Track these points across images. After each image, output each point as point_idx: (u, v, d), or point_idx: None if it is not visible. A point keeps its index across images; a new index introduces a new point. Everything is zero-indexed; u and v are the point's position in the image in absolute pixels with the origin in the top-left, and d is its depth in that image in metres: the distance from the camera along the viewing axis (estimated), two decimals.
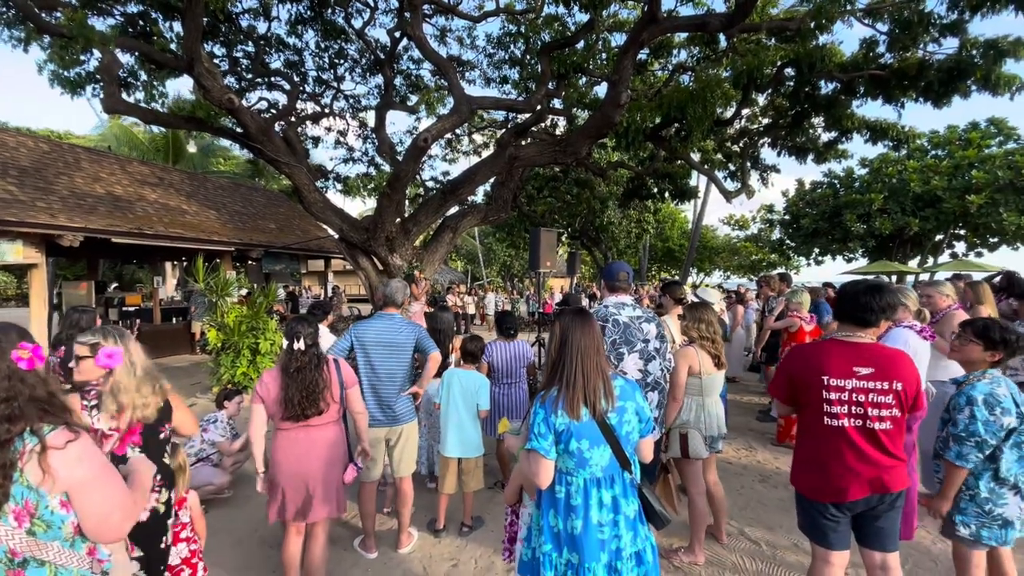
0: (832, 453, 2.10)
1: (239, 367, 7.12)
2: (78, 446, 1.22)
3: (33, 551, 1.18)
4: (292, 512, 2.52)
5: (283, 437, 2.55)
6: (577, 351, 1.80)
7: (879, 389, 2.02)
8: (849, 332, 2.14)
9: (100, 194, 9.27)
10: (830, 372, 2.07)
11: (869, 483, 2.06)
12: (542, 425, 1.75)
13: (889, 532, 2.15)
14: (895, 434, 2.06)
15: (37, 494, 1.17)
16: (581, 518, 1.76)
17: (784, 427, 5.18)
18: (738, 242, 28.86)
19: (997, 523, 2.24)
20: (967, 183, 15.70)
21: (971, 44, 6.95)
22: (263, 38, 10.23)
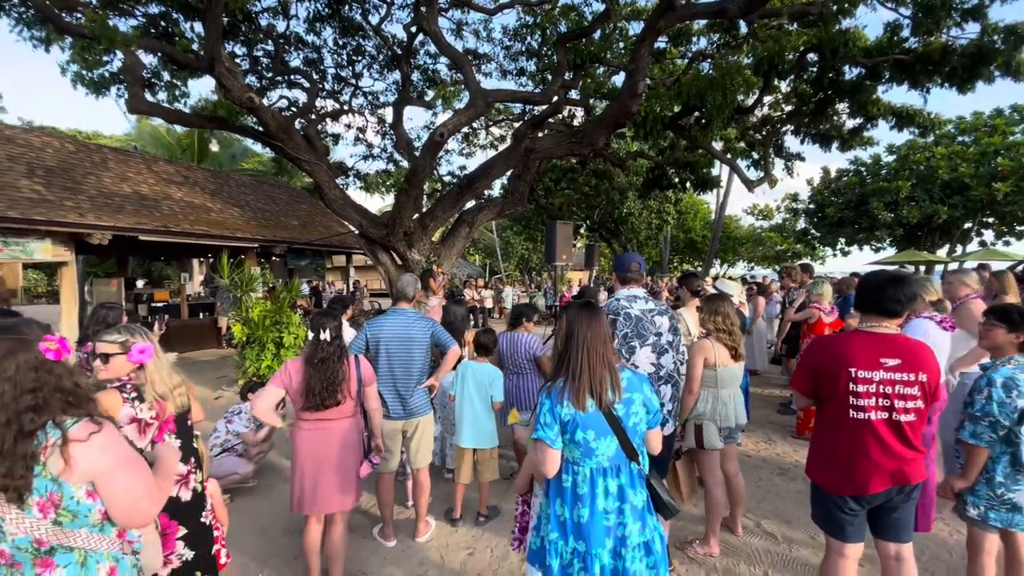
0: (857, 446, 2.06)
1: (264, 360, 7.31)
2: (101, 437, 1.25)
3: (60, 539, 1.22)
4: (310, 503, 2.60)
5: (303, 429, 2.63)
6: (583, 343, 1.82)
7: (906, 381, 2.00)
8: (874, 323, 2.11)
9: (127, 193, 9.56)
10: (857, 364, 2.03)
11: (890, 475, 2.04)
12: (548, 415, 1.79)
13: (904, 523, 2.14)
14: (918, 426, 2.05)
15: (60, 486, 1.21)
16: (587, 506, 1.79)
17: (803, 419, 5.12)
18: (762, 232, 28.29)
19: (1006, 507, 2.27)
20: (994, 170, 15.14)
21: (992, 29, 6.72)
22: (282, 36, 10.38)
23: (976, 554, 2.34)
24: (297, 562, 3.06)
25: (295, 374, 2.61)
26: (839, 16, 7.01)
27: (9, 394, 1.19)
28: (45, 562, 1.22)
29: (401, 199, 8.82)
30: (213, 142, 15.37)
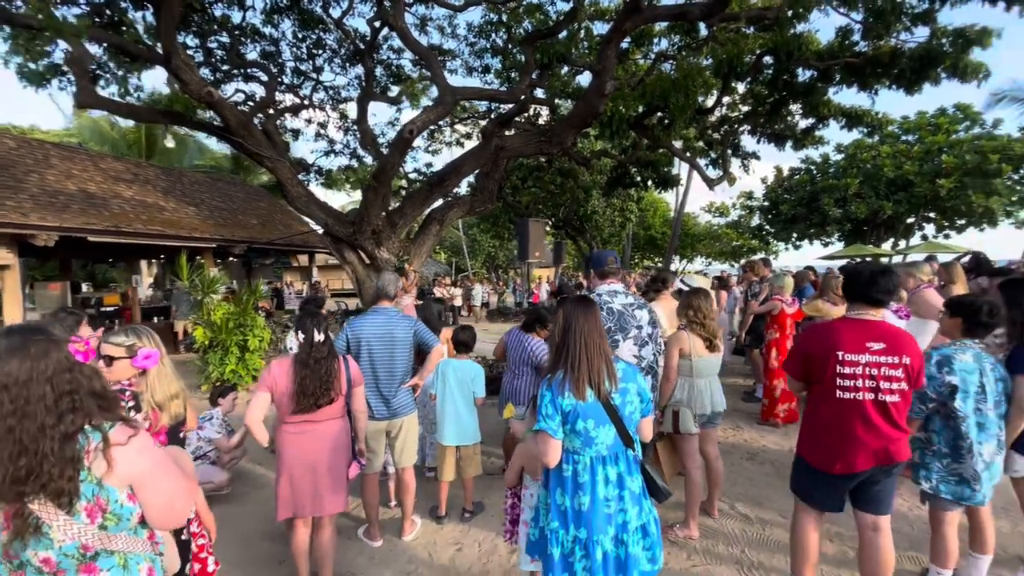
0: (845, 425, 2.22)
1: (228, 364, 7.07)
2: (138, 440, 1.25)
3: (104, 544, 1.21)
4: (301, 507, 2.55)
5: (290, 432, 2.57)
6: (581, 335, 1.87)
7: (890, 363, 2.16)
8: (861, 312, 2.28)
9: (73, 191, 9.02)
10: (844, 348, 2.20)
11: (875, 454, 2.20)
12: (550, 407, 1.83)
13: (884, 497, 2.31)
14: (902, 407, 2.21)
15: (105, 490, 1.19)
16: (588, 494, 1.84)
17: (768, 406, 5.37)
18: (719, 229, 29.31)
19: (954, 479, 2.45)
20: (937, 167, 16.20)
21: (941, 33, 7.16)
22: (238, 28, 9.98)
23: (938, 525, 2.52)
24: (283, 567, 3.00)
25: (281, 377, 2.54)
26: (794, 21, 7.34)
27: (50, 396, 1.16)
28: (89, 568, 1.20)
29: (369, 196, 8.66)
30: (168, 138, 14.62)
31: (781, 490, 3.87)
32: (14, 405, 1.13)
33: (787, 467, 4.27)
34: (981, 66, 7.16)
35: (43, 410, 1.14)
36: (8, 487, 1.11)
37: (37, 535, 1.13)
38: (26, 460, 1.11)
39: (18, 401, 1.13)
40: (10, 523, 1.13)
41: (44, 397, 1.15)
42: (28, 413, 1.13)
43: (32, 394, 1.14)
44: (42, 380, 1.15)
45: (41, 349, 1.18)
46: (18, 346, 1.16)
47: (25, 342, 1.17)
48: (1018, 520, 3.30)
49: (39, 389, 1.15)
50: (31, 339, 1.18)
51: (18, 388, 1.13)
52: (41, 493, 1.12)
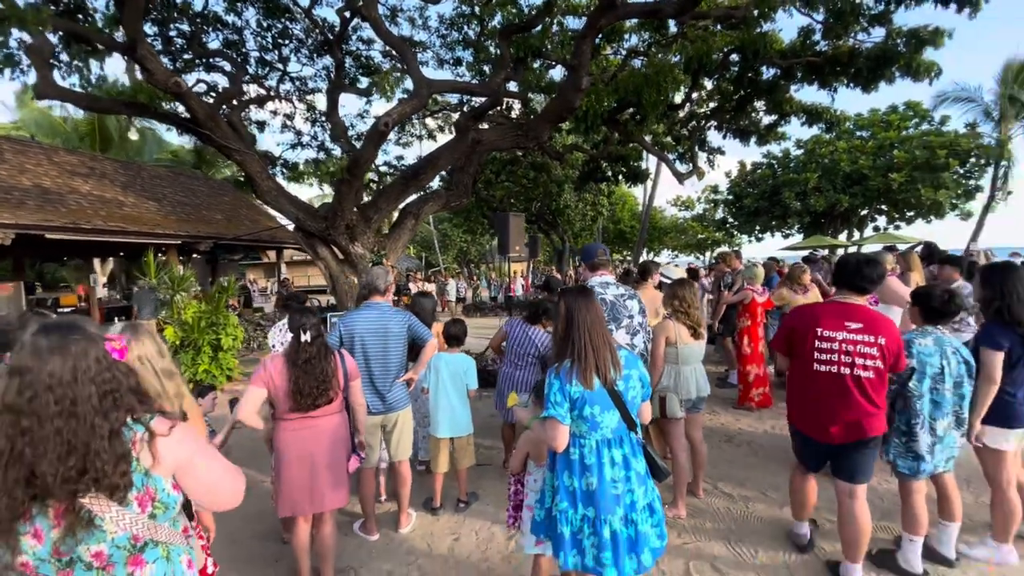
0: (820, 395, 2.48)
1: (201, 364, 6.88)
2: (179, 430, 1.26)
3: (152, 534, 1.22)
4: (302, 504, 2.54)
5: (288, 429, 2.56)
6: (584, 326, 1.94)
7: (866, 342, 2.38)
8: (845, 296, 2.51)
9: (27, 187, 8.54)
10: (823, 325, 2.46)
11: (849, 425, 2.40)
12: (558, 394, 1.90)
13: (860, 467, 2.50)
14: (877, 384, 2.40)
15: (153, 479, 1.20)
16: (596, 475, 1.92)
17: (743, 391, 5.62)
18: (684, 222, 30.05)
19: (911, 455, 2.66)
20: (889, 162, 17.04)
21: (896, 33, 7.55)
22: (199, 16, 9.61)
23: (906, 495, 2.72)
24: (279, 565, 2.99)
25: (277, 375, 2.52)
26: (760, 20, 7.59)
27: (96, 396, 1.15)
28: (136, 560, 1.21)
29: (343, 190, 8.52)
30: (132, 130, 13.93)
31: (759, 469, 4.08)
32: (60, 406, 1.12)
33: (763, 447, 4.52)
34: (933, 65, 7.58)
35: (91, 410, 1.14)
36: (60, 487, 1.10)
37: (90, 528, 1.13)
38: (76, 460, 1.11)
39: (64, 402, 1.12)
40: (61, 519, 1.12)
41: (91, 397, 1.15)
42: (76, 413, 1.13)
43: (79, 394, 1.14)
44: (86, 380, 1.15)
45: (81, 348, 1.17)
46: (58, 345, 1.15)
47: (65, 341, 1.16)
48: (980, 491, 3.58)
49: (85, 389, 1.14)
50: (70, 338, 1.17)
51: (63, 388, 1.12)
52: (94, 488, 1.12)
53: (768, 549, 2.98)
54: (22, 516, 1.12)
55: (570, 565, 1.94)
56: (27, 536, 1.13)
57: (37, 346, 1.15)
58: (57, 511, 1.13)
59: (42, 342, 1.15)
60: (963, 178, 17.03)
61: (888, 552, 2.79)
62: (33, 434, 1.10)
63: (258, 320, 10.82)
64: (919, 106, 18.30)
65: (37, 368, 1.13)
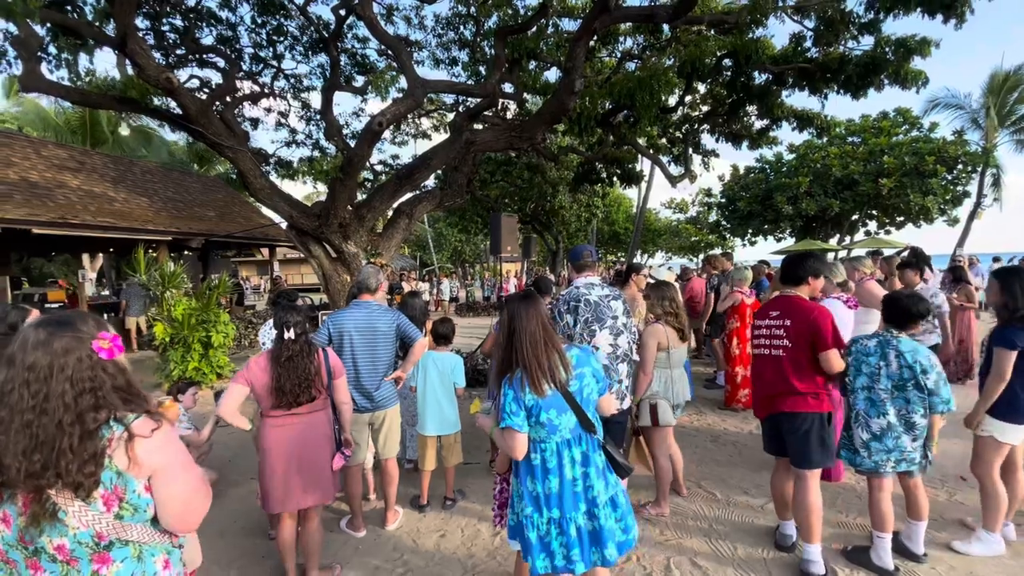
0: (754, 374, 2.99)
1: (190, 362, 6.85)
2: (161, 434, 1.24)
3: (119, 533, 1.20)
4: (287, 500, 2.56)
5: (273, 426, 2.57)
6: (526, 335, 1.93)
7: (776, 325, 2.79)
8: (786, 290, 2.89)
9: (14, 180, 8.47)
10: (757, 316, 2.99)
11: (765, 399, 2.85)
12: (513, 404, 1.90)
13: (798, 451, 2.74)
14: (786, 360, 2.72)
15: (124, 479, 1.19)
16: (557, 476, 1.94)
17: (730, 393, 5.67)
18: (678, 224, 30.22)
19: (849, 448, 2.85)
20: (879, 168, 17.23)
21: (885, 42, 7.66)
22: (193, 11, 9.57)
23: (871, 492, 2.80)
24: (265, 560, 3.00)
25: (261, 372, 2.53)
26: (752, 26, 7.68)
27: (70, 394, 1.16)
28: (102, 557, 1.20)
29: (336, 188, 8.51)
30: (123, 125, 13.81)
31: (742, 468, 4.14)
32: (34, 400, 1.13)
33: (748, 448, 4.58)
34: (921, 74, 7.70)
35: (61, 407, 1.14)
36: (24, 480, 1.11)
37: (53, 521, 1.14)
38: (41, 456, 1.12)
39: (38, 397, 1.13)
40: (28, 508, 1.14)
41: (63, 394, 1.15)
42: (46, 409, 1.13)
43: (51, 391, 1.14)
44: (62, 377, 1.15)
45: (64, 345, 1.18)
46: (43, 341, 1.16)
47: (50, 337, 1.17)
48: (954, 490, 3.67)
49: (59, 386, 1.15)
50: (56, 334, 1.18)
51: (38, 384, 1.14)
52: (59, 483, 1.13)
53: (748, 546, 3.03)
54: None
55: (540, 570, 1.95)
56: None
57: (25, 339, 1.17)
58: (25, 499, 1.14)
59: (30, 336, 1.17)
60: (951, 184, 17.26)
61: (862, 548, 2.85)
62: (6, 424, 1.12)
63: (249, 318, 10.79)
64: (909, 113, 18.53)
65: (20, 360, 1.15)
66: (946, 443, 4.46)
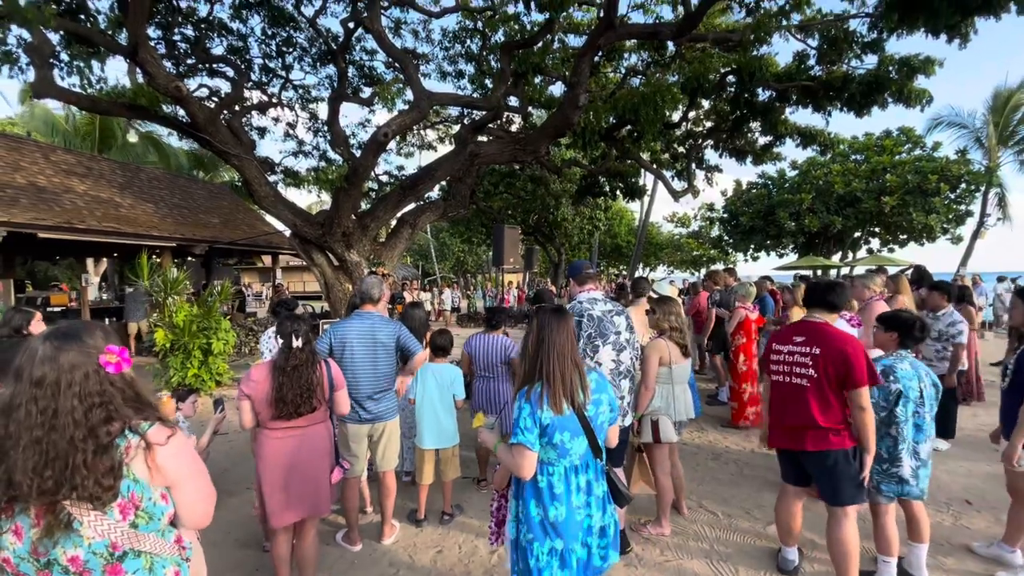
0: (773, 400, 2.74)
1: (190, 368, 6.83)
2: (176, 440, 1.26)
3: (133, 543, 1.20)
4: (284, 513, 2.52)
5: (271, 438, 2.54)
6: (555, 349, 1.88)
7: (802, 352, 2.57)
8: (813, 314, 2.68)
9: (21, 184, 8.53)
10: (777, 340, 2.75)
11: (786, 433, 2.64)
12: (528, 420, 1.83)
13: (832, 488, 2.54)
14: (811, 391, 2.50)
15: (141, 487, 1.20)
16: (564, 504, 1.87)
17: (737, 410, 5.60)
18: (681, 238, 30.25)
19: (894, 480, 2.70)
20: (882, 186, 17.28)
21: (888, 61, 7.72)
22: (204, 21, 9.71)
23: (876, 518, 2.75)
24: (261, 573, 2.96)
25: (261, 382, 2.51)
26: (756, 44, 7.75)
27: (80, 409, 1.15)
28: (115, 569, 1.19)
29: (340, 198, 8.57)
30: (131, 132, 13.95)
31: (746, 488, 4.08)
32: (43, 417, 1.12)
33: (750, 466, 4.53)
34: (925, 92, 7.75)
35: (72, 423, 1.14)
36: (36, 496, 1.10)
37: (68, 532, 1.13)
38: (53, 472, 1.11)
39: (47, 413, 1.13)
40: (41, 520, 1.13)
41: (73, 410, 1.14)
42: (56, 426, 1.13)
43: (60, 407, 1.14)
44: (70, 394, 1.15)
45: (71, 361, 1.17)
46: (49, 356, 1.16)
47: (57, 352, 1.17)
48: (959, 514, 3.60)
49: (67, 402, 1.14)
50: (64, 348, 1.17)
51: (47, 400, 1.13)
52: (74, 496, 1.12)
53: (750, 568, 2.98)
54: (3, 512, 1.13)
55: None
56: (8, 533, 1.13)
57: (33, 352, 1.17)
58: (38, 511, 1.13)
59: (38, 350, 1.17)
60: (954, 203, 17.27)
61: (867, 573, 2.79)
62: (15, 440, 1.12)
63: (250, 325, 10.78)
64: (912, 132, 18.63)
65: (27, 375, 1.15)
66: (952, 464, 4.41)
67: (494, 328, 4.09)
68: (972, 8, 5.09)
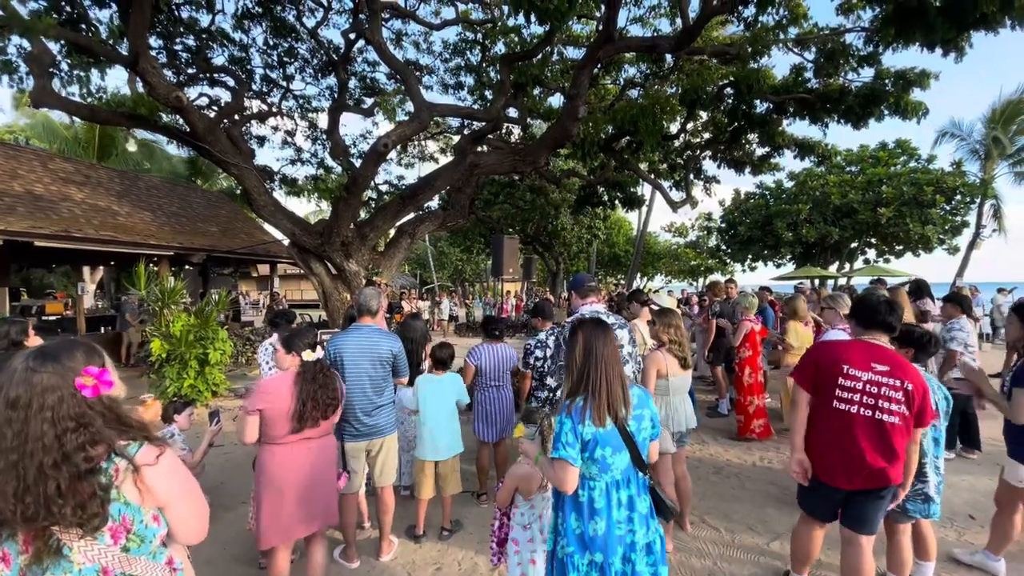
0: (843, 439, 2.32)
1: (186, 379, 6.77)
2: (166, 458, 1.23)
3: (124, 567, 1.18)
4: (293, 529, 2.49)
5: (283, 452, 2.48)
6: (602, 361, 1.87)
7: (892, 385, 2.26)
8: (872, 336, 2.41)
9: (18, 192, 8.50)
10: (850, 362, 2.33)
11: (865, 471, 2.29)
12: (570, 435, 1.81)
13: (868, 517, 2.38)
14: (901, 430, 2.27)
15: (132, 510, 1.18)
16: (604, 519, 1.85)
17: (743, 423, 5.55)
18: (678, 248, 30.32)
19: (920, 498, 2.63)
20: (878, 197, 17.39)
21: (884, 74, 7.79)
22: (205, 32, 9.76)
23: (893, 536, 2.71)
24: None
25: (281, 396, 2.45)
26: (754, 56, 7.82)
27: (50, 435, 1.10)
28: None
29: (340, 208, 8.57)
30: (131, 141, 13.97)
31: (747, 503, 4.04)
32: (16, 440, 1.09)
33: (751, 480, 4.48)
34: (921, 104, 7.81)
35: (40, 449, 1.09)
36: (22, 523, 1.07)
37: (57, 558, 1.10)
38: (32, 498, 1.08)
39: (20, 436, 1.09)
40: (30, 546, 1.10)
41: (43, 435, 1.10)
42: (27, 452, 1.09)
43: (31, 432, 1.10)
44: (40, 418, 1.11)
45: (44, 383, 1.13)
46: (24, 377, 1.12)
47: (31, 373, 1.13)
48: (964, 530, 3.57)
49: (37, 427, 1.10)
50: (38, 371, 1.14)
51: (19, 424, 1.10)
52: (60, 525, 1.09)
53: None
54: None
55: None
56: None
57: (12, 371, 1.13)
58: (26, 537, 1.10)
59: (17, 368, 1.13)
60: (949, 214, 17.38)
61: None
62: None
63: (247, 335, 10.70)
64: (907, 144, 18.79)
65: (4, 395, 1.11)
66: (954, 478, 4.38)
67: (497, 338, 4.07)
68: (967, 23, 5.14)
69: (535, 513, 2.40)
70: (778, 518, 3.73)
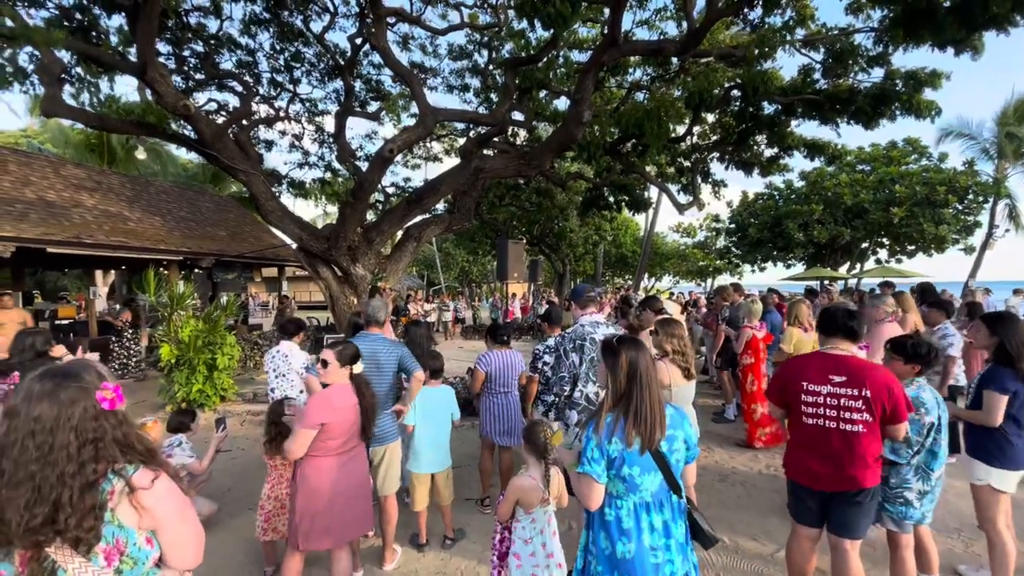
0: (809, 446, 2.46)
1: (194, 384, 6.84)
2: (162, 482, 1.26)
3: None
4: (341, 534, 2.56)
5: (338, 463, 2.52)
6: (646, 383, 1.85)
7: (849, 395, 2.33)
8: (833, 346, 2.47)
9: (31, 199, 8.64)
10: (808, 379, 2.44)
11: (835, 478, 2.38)
12: (595, 451, 1.80)
13: (852, 521, 2.43)
14: (868, 437, 2.32)
15: (126, 532, 1.20)
16: (634, 541, 1.81)
17: (750, 430, 5.48)
18: (686, 249, 30.15)
19: (900, 501, 2.65)
20: (890, 196, 17.18)
21: (895, 74, 7.70)
22: (213, 37, 9.85)
23: (896, 548, 2.69)
24: None
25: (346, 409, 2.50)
26: (760, 58, 7.75)
27: (74, 444, 1.16)
28: None
29: (346, 212, 8.62)
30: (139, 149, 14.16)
31: (753, 512, 4.01)
32: (39, 452, 1.13)
33: (757, 488, 4.45)
34: (933, 104, 7.71)
35: (64, 458, 1.15)
36: (23, 535, 1.10)
37: None
38: (42, 509, 1.11)
39: (43, 448, 1.14)
40: (25, 567, 1.12)
41: (68, 445, 1.16)
42: (50, 461, 1.14)
43: (57, 442, 1.15)
44: (67, 428, 1.16)
45: (70, 396, 1.19)
46: (49, 392, 1.18)
47: (56, 388, 1.18)
48: (971, 541, 3.51)
49: (63, 437, 1.16)
50: (63, 385, 1.19)
51: (44, 435, 1.14)
52: (59, 539, 1.12)
53: None
54: None
55: None
56: None
57: (30, 391, 1.18)
58: (23, 558, 1.13)
59: (36, 387, 1.18)
60: (962, 214, 17.13)
61: None
62: (8, 477, 1.11)
63: (255, 339, 10.80)
64: (918, 142, 18.55)
65: (25, 412, 1.16)
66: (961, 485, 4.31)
67: (505, 343, 4.05)
68: (977, 24, 5.06)
69: (536, 527, 2.39)
70: (783, 528, 3.69)
